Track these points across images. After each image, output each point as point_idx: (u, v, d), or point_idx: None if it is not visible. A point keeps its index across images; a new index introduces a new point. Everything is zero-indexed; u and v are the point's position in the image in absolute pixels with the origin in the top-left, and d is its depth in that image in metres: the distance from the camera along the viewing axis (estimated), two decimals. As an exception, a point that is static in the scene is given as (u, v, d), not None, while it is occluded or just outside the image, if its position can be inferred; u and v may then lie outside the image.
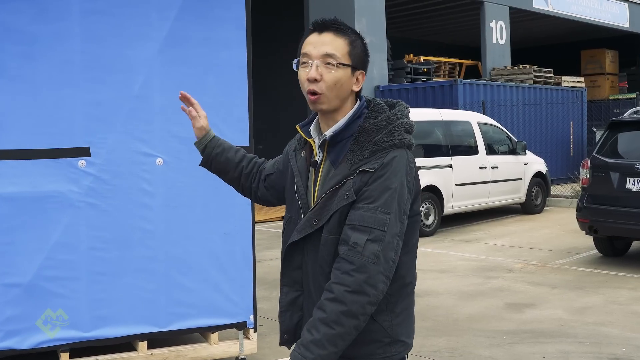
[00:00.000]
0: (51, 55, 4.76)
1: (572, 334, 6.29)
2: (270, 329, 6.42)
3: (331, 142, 2.36)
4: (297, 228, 2.36)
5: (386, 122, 2.31)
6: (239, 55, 5.29)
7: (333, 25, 2.33)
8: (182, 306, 5.19)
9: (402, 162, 2.27)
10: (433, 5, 23.14)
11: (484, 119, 13.89)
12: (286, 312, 2.44)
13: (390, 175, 2.23)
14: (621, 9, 27.39)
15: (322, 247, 2.29)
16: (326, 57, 2.28)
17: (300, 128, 2.50)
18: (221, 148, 2.78)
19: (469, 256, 10.17)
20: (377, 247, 2.18)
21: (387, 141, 2.27)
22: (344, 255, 2.20)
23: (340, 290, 2.16)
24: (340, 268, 2.19)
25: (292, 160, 2.50)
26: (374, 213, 2.20)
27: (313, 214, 2.31)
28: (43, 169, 4.76)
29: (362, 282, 2.15)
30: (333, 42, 2.30)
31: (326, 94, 2.30)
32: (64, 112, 4.80)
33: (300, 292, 2.41)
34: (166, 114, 5.06)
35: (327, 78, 2.28)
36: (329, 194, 2.28)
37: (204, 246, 5.24)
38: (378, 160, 2.25)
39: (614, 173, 9.06)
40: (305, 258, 2.37)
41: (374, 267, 2.17)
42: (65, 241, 4.83)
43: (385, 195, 2.21)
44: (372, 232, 2.18)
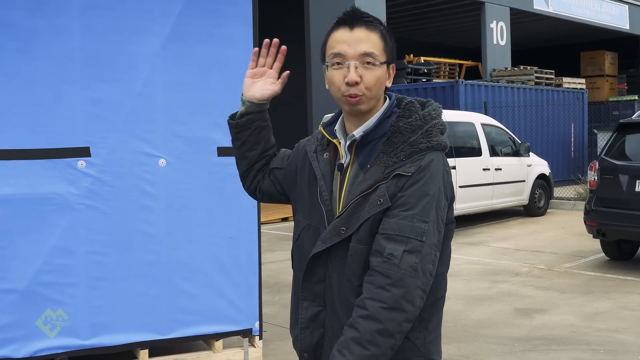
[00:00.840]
0: (49, 51, 4.56)
1: (585, 341, 6.11)
2: (275, 335, 6.23)
3: (360, 143, 2.16)
4: (322, 237, 2.14)
5: (421, 122, 2.12)
6: (244, 52, 5.09)
7: (364, 18, 2.13)
8: (184, 313, 5.00)
9: (439, 165, 2.09)
10: (433, 6, 23.01)
11: (487, 120, 13.73)
12: (306, 329, 2.22)
13: (428, 179, 2.05)
14: (621, 10, 27.30)
15: (350, 258, 2.09)
16: (365, 56, 2.09)
17: (324, 128, 2.28)
18: (267, 123, 2.43)
19: (473, 259, 9.99)
20: (415, 259, 1.99)
21: (424, 142, 2.09)
22: (378, 267, 2.00)
23: (375, 306, 1.97)
24: (374, 282, 2.00)
25: (314, 162, 2.27)
26: (411, 221, 2.01)
27: (340, 221, 2.11)
28: (41, 169, 4.56)
29: (399, 297, 1.97)
30: (369, 38, 2.10)
31: (367, 95, 2.11)
32: (63, 110, 4.61)
33: (322, 307, 2.20)
34: (169, 112, 4.87)
35: (367, 79, 2.09)
36: (358, 200, 2.09)
37: (208, 250, 5.05)
38: (415, 163, 2.06)
39: (623, 175, 8.88)
40: (329, 270, 2.16)
41: (411, 281, 1.98)
42: (63, 245, 4.64)
43: (423, 202, 2.03)
44: (410, 242, 2.00)
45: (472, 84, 17.08)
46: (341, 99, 2.12)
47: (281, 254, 10.31)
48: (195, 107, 4.97)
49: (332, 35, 2.15)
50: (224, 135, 5.07)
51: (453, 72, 22.84)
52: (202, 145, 5.00)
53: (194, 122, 4.96)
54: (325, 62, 2.17)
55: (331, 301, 2.16)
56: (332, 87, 2.14)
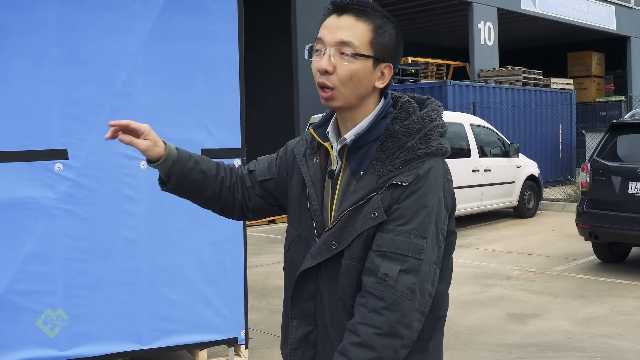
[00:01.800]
0: (24, 48, 4.35)
1: (580, 348, 5.95)
2: (261, 343, 6.03)
3: (352, 147, 1.95)
4: (312, 251, 1.94)
5: (419, 125, 1.92)
6: (230, 50, 4.90)
7: (356, 5, 1.90)
8: (167, 321, 4.80)
9: (439, 173, 1.89)
10: (421, 6, 22.91)
11: (476, 121, 13.58)
12: (297, 350, 2.03)
13: (426, 190, 1.85)
14: (608, 11, 27.31)
15: (342, 276, 1.89)
16: (341, 44, 1.87)
17: (314, 130, 2.06)
18: (193, 160, 2.13)
19: (464, 262, 9.82)
20: (412, 279, 1.80)
21: (423, 148, 1.89)
22: (372, 289, 1.81)
23: (369, 332, 1.78)
24: (368, 305, 1.80)
25: (303, 168, 2.06)
26: (407, 237, 1.81)
27: (331, 235, 1.91)
28: (15, 173, 4.35)
29: (395, 322, 1.77)
30: (353, 27, 1.88)
31: (340, 89, 1.89)
32: (39, 110, 4.39)
33: (314, 326, 2.00)
34: (151, 113, 4.66)
35: (340, 71, 1.87)
36: (350, 212, 1.88)
37: (192, 256, 4.85)
38: (412, 171, 1.86)
39: (616, 177, 8.74)
40: (320, 287, 1.97)
41: (408, 304, 1.79)
42: (40, 252, 4.42)
43: (421, 215, 1.83)
44: (406, 260, 1.80)
45: (460, 85, 16.95)
46: (319, 91, 1.93)
47: (268, 257, 10.11)
48: (178, 108, 4.77)
49: (323, 22, 1.95)
50: (208, 137, 4.88)
51: (441, 73, 22.75)
52: (186, 147, 4.61)
53: (177, 123, 4.76)
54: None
55: (322, 320, 1.98)
56: (314, 76, 1.94)
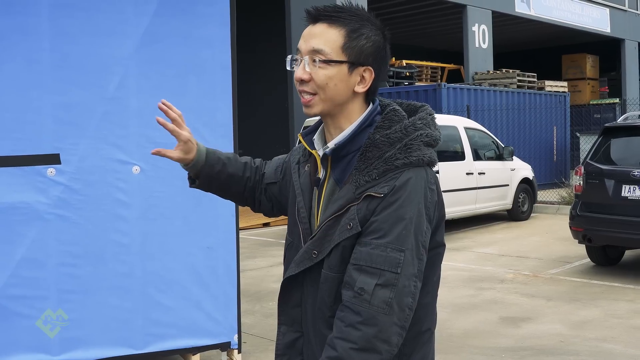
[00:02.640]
0: (17, 53, 4.35)
1: (573, 351, 5.96)
2: (255, 347, 6.03)
3: (335, 156, 1.95)
4: (296, 259, 1.96)
5: (401, 134, 1.88)
6: (222, 54, 4.91)
7: (327, 13, 1.92)
8: (160, 326, 4.80)
9: (419, 184, 1.85)
10: (415, 9, 22.90)
11: (470, 124, 13.59)
12: (283, 356, 2.04)
13: (404, 202, 1.82)
14: (602, 13, 27.35)
15: (321, 286, 1.90)
16: (313, 52, 1.89)
17: (302, 137, 2.07)
18: (221, 163, 2.23)
19: (458, 265, 9.83)
20: (388, 294, 1.77)
21: (401, 158, 1.85)
22: (349, 303, 1.80)
23: (345, 347, 1.77)
24: (345, 319, 1.79)
25: (295, 175, 2.09)
26: (384, 251, 1.79)
27: (312, 244, 1.91)
28: (8, 177, 4.35)
29: (372, 337, 1.76)
30: (324, 34, 1.90)
31: (321, 96, 1.91)
32: (31, 115, 4.40)
33: (300, 333, 2.02)
34: (143, 117, 4.66)
35: (316, 77, 1.89)
36: (330, 222, 1.88)
37: (184, 261, 4.85)
38: (389, 182, 1.83)
39: (609, 180, 8.75)
40: (304, 295, 1.97)
41: (385, 319, 1.76)
42: (32, 257, 4.43)
43: (398, 228, 1.80)
44: (383, 274, 1.78)
45: (454, 88, 16.95)
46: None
47: (262, 260, 10.10)
48: (171, 112, 4.76)
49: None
50: (201, 141, 4.79)
51: (435, 75, 22.72)
52: (179, 152, 4.78)
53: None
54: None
55: (307, 329, 1.99)
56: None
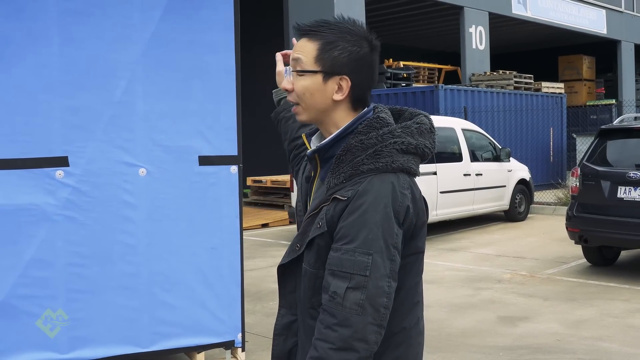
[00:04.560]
0: (26, 58, 4.45)
1: (570, 350, 6.07)
2: (257, 346, 6.13)
3: (321, 157, 2.07)
4: (287, 250, 2.12)
5: (376, 140, 1.96)
6: (226, 58, 5.01)
7: (308, 28, 2.06)
8: (165, 325, 4.90)
9: (385, 189, 1.91)
10: (412, 10, 22.99)
11: (467, 126, 13.70)
12: (280, 336, 2.17)
13: (368, 207, 1.88)
14: (599, 15, 27.48)
15: (303, 279, 2.03)
16: (294, 63, 2.07)
17: (305, 137, 2.23)
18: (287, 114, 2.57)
19: (456, 266, 9.94)
20: (359, 295, 1.86)
21: (368, 164, 1.93)
22: (326, 306, 1.90)
23: (324, 347, 1.87)
24: (323, 322, 1.90)
25: (300, 171, 2.31)
26: (352, 255, 1.87)
27: (296, 238, 2.07)
28: (17, 179, 4.44)
29: (347, 337, 1.85)
30: (303, 47, 2.05)
31: (301, 104, 2.07)
32: (40, 119, 4.49)
33: (296, 317, 2.15)
34: (150, 121, 4.77)
35: (295, 87, 2.07)
36: (309, 219, 2.02)
37: (189, 261, 4.95)
38: (353, 186, 1.92)
39: (605, 182, 8.87)
40: (297, 283, 2.10)
41: (359, 319, 1.85)
42: (41, 257, 4.52)
43: (363, 232, 1.87)
44: (353, 278, 1.87)
45: (451, 89, 17.06)
46: None
47: (262, 261, 10.20)
48: (176, 115, 4.87)
49: None
50: (205, 144, 4.97)
51: (432, 77, 22.84)
52: (183, 154, 4.90)
53: (175, 131, 4.86)
54: None
55: (299, 314, 2.13)
56: None
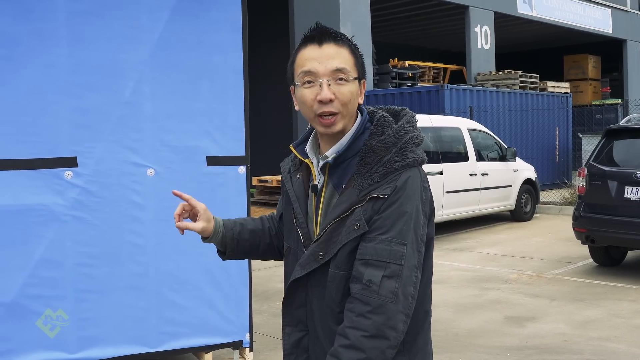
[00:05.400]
0: (35, 58, 4.46)
1: (577, 350, 6.06)
2: (264, 345, 6.14)
3: (333, 163, 2.08)
4: (301, 262, 2.08)
5: (395, 138, 2.03)
6: (234, 59, 5.02)
7: (332, 34, 2.05)
8: (174, 325, 4.91)
9: (415, 183, 2.01)
10: (417, 10, 22.98)
11: (473, 125, 13.69)
12: (290, 355, 2.17)
13: (404, 200, 1.97)
14: (604, 14, 27.44)
15: (329, 284, 2.03)
16: (337, 72, 2.02)
17: (294, 148, 2.20)
18: (239, 225, 2.38)
19: (462, 266, 9.94)
20: (394, 284, 1.92)
21: (399, 161, 2.00)
22: (358, 295, 1.94)
23: (357, 335, 1.91)
24: (355, 310, 1.93)
25: (288, 184, 2.23)
26: (388, 245, 1.94)
27: (318, 246, 2.04)
28: (26, 180, 4.45)
29: (381, 324, 1.90)
30: (339, 54, 2.04)
31: (342, 112, 2.03)
32: (49, 119, 4.50)
33: (305, 332, 2.15)
34: (158, 121, 4.78)
35: (341, 95, 2.02)
36: (335, 224, 2.01)
37: (198, 261, 4.95)
38: (390, 184, 1.98)
39: (612, 181, 8.85)
40: (309, 295, 2.10)
41: (393, 307, 1.92)
42: (50, 257, 4.53)
43: (399, 224, 1.95)
44: (388, 267, 1.93)
45: (457, 89, 17.04)
46: (314, 120, 2.05)
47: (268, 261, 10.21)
48: (184, 116, 4.87)
49: (300, 53, 2.07)
50: (213, 144, 4.98)
51: (437, 76, 22.82)
52: (191, 155, 4.90)
53: (183, 131, 4.86)
54: (293, 82, 2.09)
55: (313, 326, 2.11)
56: (304, 107, 2.06)
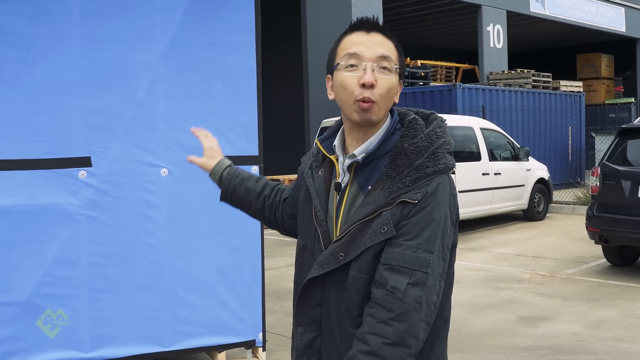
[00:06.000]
0: (49, 59, 4.48)
1: (591, 351, 6.04)
2: (276, 345, 6.15)
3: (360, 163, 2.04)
4: (319, 261, 2.02)
5: (427, 143, 1.98)
6: (247, 59, 5.02)
7: (378, 25, 2.03)
8: (187, 324, 4.92)
9: (446, 190, 1.96)
10: (430, 9, 22.96)
11: (486, 125, 13.66)
12: (302, 356, 2.12)
13: (434, 206, 1.92)
14: (617, 13, 27.30)
15: (349, 287, 1.97)
16: (382, 59, 1.97)
17: (320, 143, 2.16)
18: (240, 178, 2.51)
19: (475, 265, 9.92)
20: (419, 292, 1.88)
21: (431, 166, 1.95)
22: (381, 300, 1.89)
23: (377, 342, 1.86)
24: (376, 315, 1.89)
25: (309, 180, 2.16)
26: (415, 252, 1.89)
27: (339, 247, 1.98)
28: (41, 180, 4.48)
29: (403, 332, 1.86)
30: (385, 43, 2.00)
31: (379, 102, 1.97)
32: (63, 119, 4.52)
33: (319, 332, 2.10)
34: (171, 121, 4.79)
35: (381, 84, 1.96)
36: (360, 225, 1.95)
37: (211, 261, 4.96)
38: (421, 189, 1.93)
39: (626, 181, 8.81)
40: (326, 295, 2.05)
41: (416, 315, 1.87)
42: (64, 257, 4.55)
43: (428, 231, 1.90)
44: (414, 274, 1.88)
45: (469, 88, 17.01)
46: (352, 106, 1.98)
47: (281, 260, 10.22)
48: (198, 116, 4.88)
49: (346, 37, 2.03)
50: (226, 144, 4.98)
51: (450, 76, 22.78)
52: (205, 154, 4.90)
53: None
54: (333, 67, 2.04)
55: (328, 327, 2.06)
56: (343, 92, 1.99)
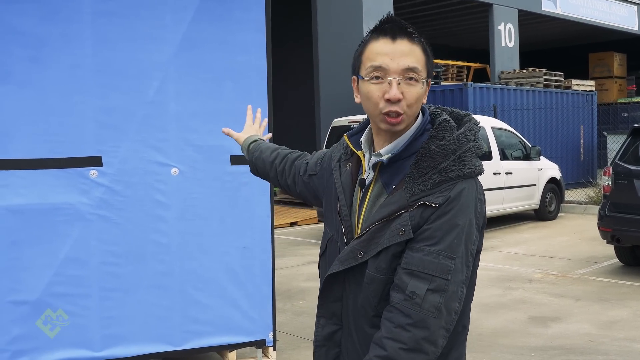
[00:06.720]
0: (60, 59, 4.50)
1: (603, 351, 6.01)
2: (287, 344, 6.15)
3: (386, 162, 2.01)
4: (340, 257, 2.03)
5: (455, 146, 1.94)
6: (258, 59, 5.03)
7: (407, 29, 1.96)
8: (197, 324, 4.93)
9: (471, 195, 1.92)
10: (441, 8, 22.90)
11: (497, 124, 13.62)
12: (322, 347, 2.12)
13: (457, 212, 1.88)
14: (630, 11, 27.16)
15: (367, 286, 1.96)
16: (408, 71, 1.92)
17: (348, 138, 2.16)
18: (259, 151, 2.71)
19: (486, 265, 9.88)
20: (438, 299, 1.85)
21: (456, 170, 1.91)
22: (399, 305, 1.86)
23: (394, 347, 1.84)
24: (394, 320, 1.86)
25: (336, 173, 2.17)
26: (436, 258, 1.86)
27: (359, 244, 1.97)
28: (52, 179, 4.50)
29: (420, 339, 1.83)
30: (412, 52, 1.94)
31: (407, 113, 1.94)
32: (74, 119, 4.54)
33: (339, 326, 2.10)
34: (182, 120, 4.80)
35: (409, 96, 1.93)
36: (380, 225, 1.94)
37: (221, 260, 4.97)
38: (443, 193, 1.89)
39: (638, 181, 8.77)
40: (346, 291, 2.05)
41: (434, 322, 1.84)
42: (75, 256, 4.57)
43: (450, 236, 1.87)
44: (434, 280, 1.85)
45: (480, 87, 16.96)
46: (378, 116, 1.96)
47: (291, 259, 10.22)
48: (208, 115, 4.89)
49: (371, 45, 1.97)
50: (236, 144, 4.98)
51: (461, 75, 22.70)
52: (215, 154, 4.92)
53: (207, 131, 4.88)
54: (359, 74, 2.00)
55: (347, 322, 2.07)
56: (368, 102, 1.97)
